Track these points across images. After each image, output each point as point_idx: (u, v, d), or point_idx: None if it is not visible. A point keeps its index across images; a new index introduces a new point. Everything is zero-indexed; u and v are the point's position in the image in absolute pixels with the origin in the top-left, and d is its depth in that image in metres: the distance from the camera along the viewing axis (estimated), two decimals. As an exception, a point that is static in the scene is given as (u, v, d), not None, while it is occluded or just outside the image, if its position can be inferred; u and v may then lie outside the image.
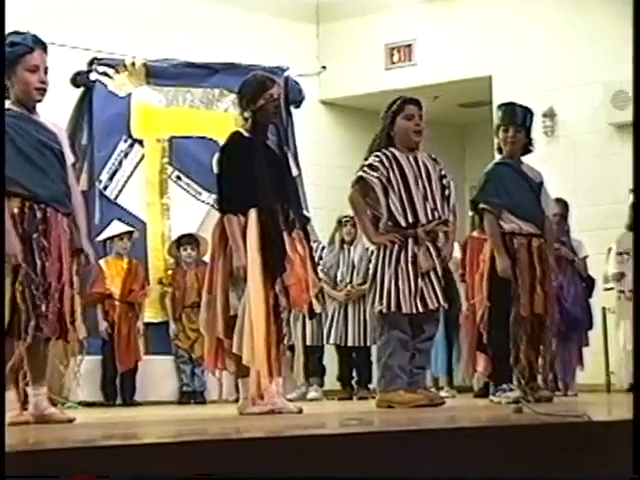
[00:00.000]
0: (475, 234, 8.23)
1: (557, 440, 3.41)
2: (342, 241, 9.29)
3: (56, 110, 5.44)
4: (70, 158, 4.74)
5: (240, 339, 5.14)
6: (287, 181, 5.48)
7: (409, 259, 5.80)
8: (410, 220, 5.82)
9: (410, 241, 5.81)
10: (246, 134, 5.37)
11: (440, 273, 5.88)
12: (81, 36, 9.53)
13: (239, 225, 5.21)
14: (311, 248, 5.57)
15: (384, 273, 5.82)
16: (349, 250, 9.26)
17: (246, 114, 5.35)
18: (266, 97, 5.31)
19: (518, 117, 6.39)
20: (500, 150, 6.44)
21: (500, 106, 6.59)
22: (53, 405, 4.64)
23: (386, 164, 5.86)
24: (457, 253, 8.36)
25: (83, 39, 9.54)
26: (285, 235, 5.29)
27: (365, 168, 5.89)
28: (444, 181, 5.98)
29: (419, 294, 5.78)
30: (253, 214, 5.21)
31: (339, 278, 9.22)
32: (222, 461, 2.76)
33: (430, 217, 5.85)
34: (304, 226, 5.50)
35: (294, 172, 6.27)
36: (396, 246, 5.82)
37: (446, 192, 5.96)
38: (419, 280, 5.78)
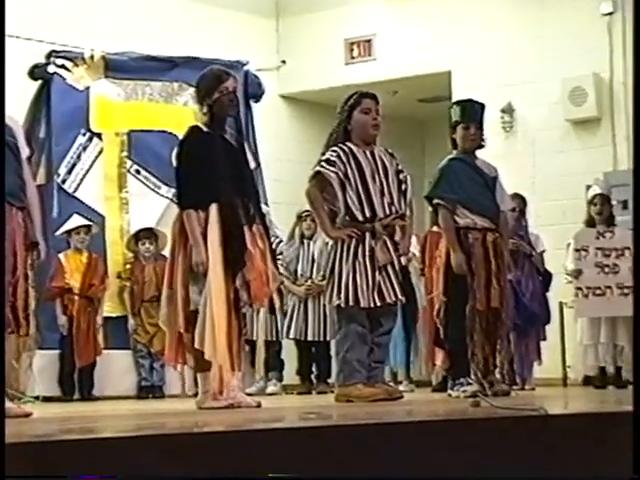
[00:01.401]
0: (435, 229, 8.26)
1: (514, 433, 3.44)
2: (302, 236, 9.29)
3: (13, 103, 5.40)
4: (25, 151, 4.70)
5: (202, 334, 5.13)
6: (246, 174, 5.49)
7: (367, 253, 5.82)
8: (367, 215, 5.84)
9: (367, 235, 5.83)
10: (204, 128, 5.36)
11: (397, 267, 5.91)
12: (39, 28, 9.45)
13: (198, 220, 5.20)
14: (271, 242, 5.58)
15: (342, 267, 5.83)
16: (309, 245, 9.26)
17: (204, 108, 5.35)
18: (221, 90, 5.32)
19: (478, 114, 6.42)
20: (455, 146, 6.46)
21: (458, 103, 6.59)
22: (9, 400, 4.61)
23: (343, 159, 5.87)
24: (414, 248, 8.40)
25: (41, 31, 9.46)
26: (246, 229, 5.29)
27: (322, 163, 5.90)
28: (401, 176, 6.00)
29: (377, 288, 5.80)
30: (214, 209, 5.21)
31: (299, 273, 9.23)
32: (181, 455, 2.76)
33: (387, 211, 5.88)
34: (264, 220, 5.51)
35: (251, 165, 6.26)
36: (354, 240, 5.83)
37: (403, 187, 5.99)
38: (377, 274, 5.81)
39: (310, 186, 5.95)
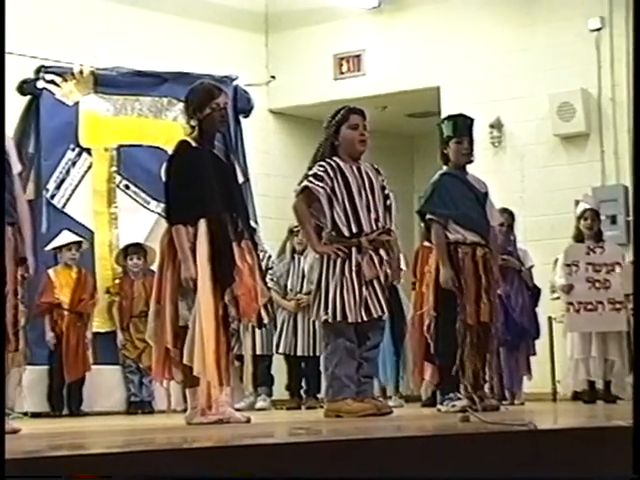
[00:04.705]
0: (427, 244, 8.27)
1: (503, 448, 3.44)
2: (293, 250, 9.29)
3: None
4: (17, 167, 4.70)
5: (191, 350, 5.12)
6: (235, 190, 5.49)
7: (353, 268, 5.82)
8: (354, 230, 5.84)
9: (354, 250, 5.84)
10: (193, 143, 5.36)
11: (383, 282, 5.90)
12: (28, 43, 9.44)
13: (187, 235, 5.20)
14: (259, 258, 5.58)
15: (328, 282, 5.83)
16: (299, 260, 9.27)
17: (193, 122, 5.35)
18: (212, 106, 5.32)
19: (469, 128, 6.44)
20: (446, 161, 6.47)
21: (450, 118, 6.60)
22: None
23: (331, 174, 5.88)
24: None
25: (30, 46, 9.45)
26: (234, 245, 5.29)
27: (310, 178, 5.90)
28: (385, 191, 6.02)
29: (364, 303, 5.80)
30: (203, 224, 5.20)
31: (289, 287, 9.23)
32: (170, 471, 2.75)
33: (374, 227, 5.88)
34: (252, 236, 5.51)
35: (240, 179, 6.27)
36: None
37: (388, 202, 6.00)
38: (363, 289, 5.81)
39: (297, 201, 5.95)
